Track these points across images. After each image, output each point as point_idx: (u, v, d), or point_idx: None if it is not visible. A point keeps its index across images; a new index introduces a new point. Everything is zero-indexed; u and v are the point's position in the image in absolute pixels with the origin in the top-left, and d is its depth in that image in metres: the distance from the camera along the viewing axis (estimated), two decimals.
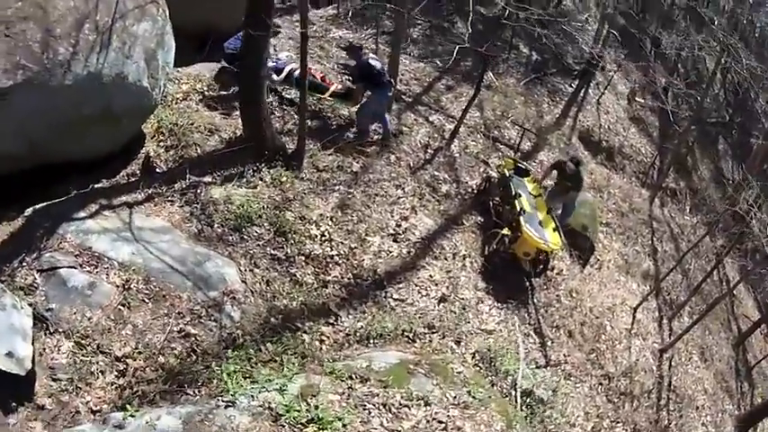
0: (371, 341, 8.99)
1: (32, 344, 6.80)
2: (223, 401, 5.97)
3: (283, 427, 5.80)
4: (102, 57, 8.33)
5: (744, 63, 15.98)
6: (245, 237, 9.53)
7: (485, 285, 11.05)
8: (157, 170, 10.05)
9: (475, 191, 12.79)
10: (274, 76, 12.01)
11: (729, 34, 16.84)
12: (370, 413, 6.37)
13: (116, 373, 7.25)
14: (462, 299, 10.56)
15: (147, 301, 7.96)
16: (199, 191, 9.75)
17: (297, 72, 11.80)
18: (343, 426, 6.02)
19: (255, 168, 10.42)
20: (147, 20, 9.07)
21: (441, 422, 6.77)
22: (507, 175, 12.24)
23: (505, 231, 11.37)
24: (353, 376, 6.91)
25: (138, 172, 9.87)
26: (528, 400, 9.39)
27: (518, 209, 11.32)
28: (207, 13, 11.28)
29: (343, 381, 6.82)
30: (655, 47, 21.05)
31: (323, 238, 10.11)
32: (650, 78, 18.92)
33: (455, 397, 7.28)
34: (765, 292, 17.98)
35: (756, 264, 14.17)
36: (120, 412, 5.98)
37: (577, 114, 17.12)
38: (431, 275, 10.65)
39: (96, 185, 9.36)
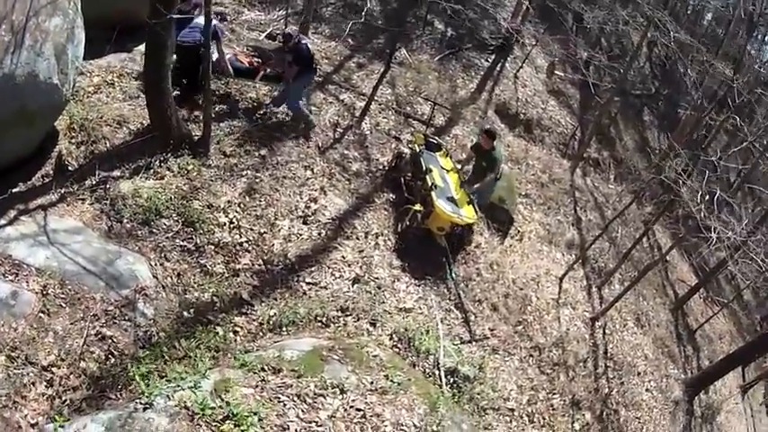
0: (284, 329, 8.78)
1: None
2: (141, 404, 5.74)
3: (200, 426, 5.63)
4: (16, 57, 8.06)
5: (672, 36, 15.76)
6: (154, 230, 9.30)
7: (400, 263, 10.66)
8: (70, 168, 9.62)
9: (386, 168, 12.34)
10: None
11: (657, 9, 16.61)
12: (285, 405, 6.23)
13: (45, 384, 7.07)
14: (377, 278, 10.17)
15: (64, 305, 7.73)
16: (108, 186, 9.42)
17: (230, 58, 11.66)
18: (259, 420, 5.86)
19: (162, 159, 10.08)
20: (59, 14, 8.72)
21: (359, 410, 6.59)
22: (418, 150, 11.89)
23: (417, 207, 10.98)
24: (266, 368, 6.73)
25: (51, 172, 9.46)
26: (453, 379, 9.08)
27: (429, 184, 10.98)
28: (119, 3, 10.75)
29: (255, 373, 6.63)
30: (577, 21, 20.90)
31: (231, 226, 9.89)
32: (571, 52, 18.76)
33: (372, 382, 7.08)
34: (701, 258, 17.78)
35: (689, 230, 13.92)
36: (51, 423, 5.86)
37: (493, 88, 16.75)
38: (343, 256, 10.30)
39: (14, 190, 8.92)
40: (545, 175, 15.37)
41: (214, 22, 10.64)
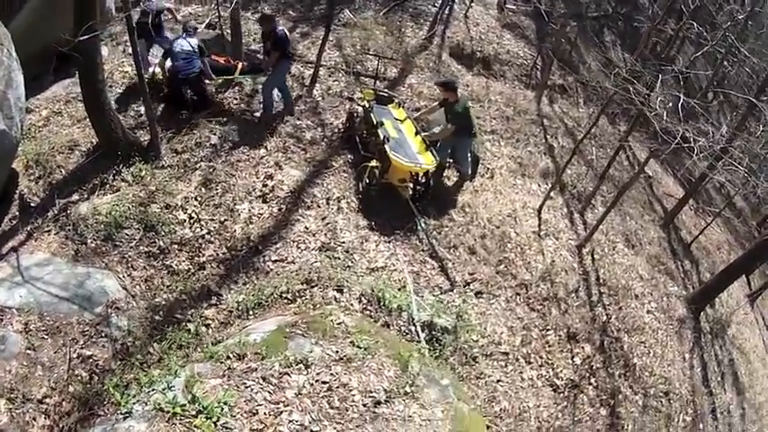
0: (251, 312, 8.64)
1: None
2: (121, 414, 5.84)
3: (175, 425, 5.62)
4: None
5: None
6: (118, 243, 9.52)
7: (366, 223, 10.45)
8: (32, 205, 9.92)
9: (341, 130, 12.07)
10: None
11: None
12: (251, 390, 6.16)
13: (43, 416, 7.30)
14: (343, 242, 9.96)
15: (46, 336, 8.00)
16: (69, 212, 9.68)
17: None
18: (229, 408, 5.84)
19: (116, 171, 10.33)
20: None
21: (324, 383, 6.48)
22: (368, 105, 11.62)
23: (373, 163, 10.73)
24: (230, 356, 6.72)
25: (17, 213, 9.78)
26: (431, 333, 8.82)
27: (382, 137, 10.68)
28: (51, 34, 10.64)
29: (222, 363, 6.64)
30: None
31: (192, 221, 10.02)
32: None
33: (337, 351, 6.97)
34: (686, 170, 17.37)
35: (662, 142, 13.56)
36: None
37: (445, 32, 16.30)
38: (306, 227, 10.17)
39: None
40: (509, 109, 14.95)
41: (195, 40, 11.31)
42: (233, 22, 12.96)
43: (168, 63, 11.49)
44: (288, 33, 11.80)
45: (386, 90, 12.72)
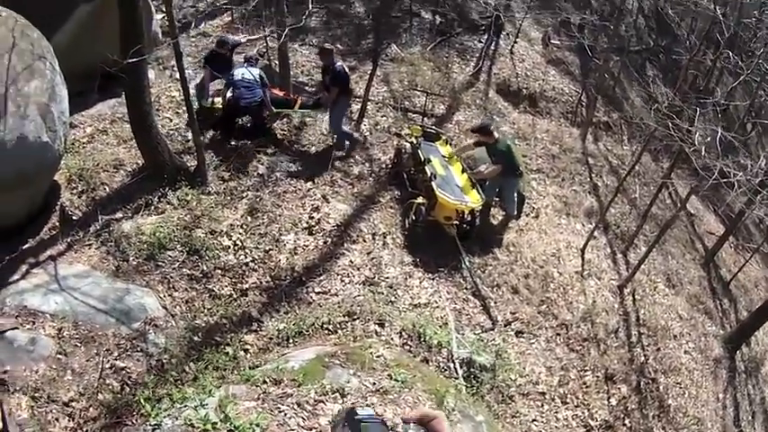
0: (291, 340, 8.79)
1: (1, 406, 7.15)
2: (150, 426, 5.90)
3: None
4: (3, 124, 8.55)
5: None
6: (160, 263, 9.60)
7: (411, 259, 10.60)
8: (74, 218, 10.04)
9: (389, 166, 12.29)
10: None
11: None
12: (285, 414, 6.17)
13: (67, 418, 7.40)
14: (387, 278, 10.12)
15: (79, 345, 8.11)
16: (111, 229, 9.80)
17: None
18: (261, 430, 5.80)
19: (161, 194, 10.42)
20: (37, 77, 9.18)
21: None
22: (415, 142, 11.79)
23: (420, 200, 10.91)
24: (267, 380, 6.75)
25: (57, 224, 9.90)
26: (470, 370, 8.88)
27: (429, 174, 10.86)
28: (97, 53, 10.72)
29: (258, 386, 6.65)
30: None
31: (236, 248, 10.13)
32: (563, 18, 18.47)
33: (374, 383, 7.01)
34: (726, 206, 17.32)
35: (702, 178, 13.58)
36: None
37: (491, 68, 16.51)
38: (351, 261, 10.31)
39: (24, 246, 9.49)
40: (555, 147, 15.08)
41: (257, 70, 11.58)
42: (281, 54, 13.21)
43: (228, 93, 11.72)
44: (347, 69, 12.04)
45: (433, 126, 12.91)
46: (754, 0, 19.73)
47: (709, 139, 12.46)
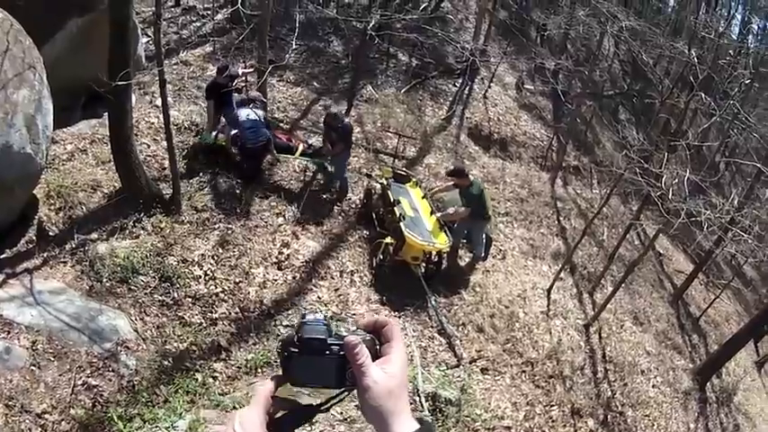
0: (260, 370, 8.96)
1: None
2: None
3: None
4: None
5: (624, 25, 15.89)
6: (133, 287, 9.62)
7: (378, 297, 10.81)
8: (50, 233, 10.03)
9: (359, 206, 12.55)
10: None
11: (615, 5, 16.84)
12: None
13: (40, 429, 7.43)
14: (354, 315, 10.28)
15: (52, 359, 8.10)
16: (87, 249, 9.80)
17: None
18: None
19: (136, 218, 10.46)
20: (26, 86, 9.11)
21: None
22: (386, 183, 12.08)
23: (388, 240, 11.14)
24: (237, 406, 6.89)
25: (34, 238, 9.89)
26: (435, 404, 8.94)
27: (398, 215, 11.09)
28: (85, 71, 10.87)
29: (228, 411, 6.82)
30: (540, 32, 21.18)
31: (207, 278, 10.17)
32: (537, 64, 18.95)
33: (341, 413, 7.14)
34: (697, 245, 17.68)
35: (670, 219, 13.94)
36: None
37: (464, 112, 16.96)
38: (319, 297, 10.52)
39: (1, 256, 9.42)
40: (524, 191, 15.45)
41: (262, 112, 11.80)
42: (260, 89, 13.20)
43: (232, 132, 11.83)
44: (352, 126, 12.59)
45: (404, 169, 13.21)
46: (731, 42, 20.35)
47: (676, 180, 12.79)
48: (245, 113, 11.51)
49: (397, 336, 1.45)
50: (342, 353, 1.39)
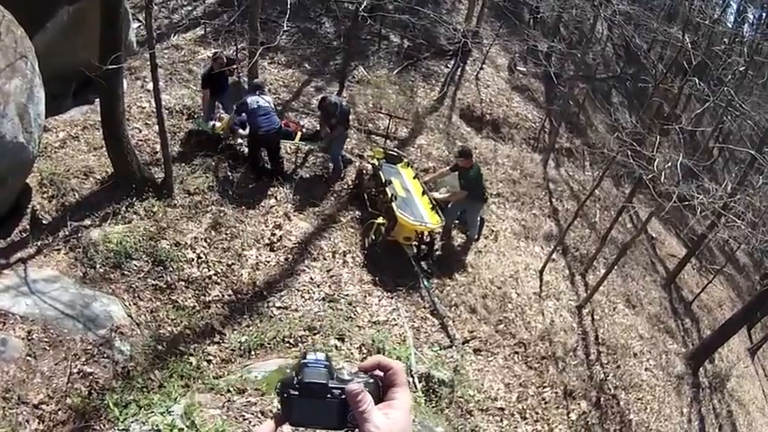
0: (253, 352, 8.90)
1: None
2: (118, 430, 6.09)
3: None
4: None
5: (617, 8, 15.77)
6: (126, 272, 9.59)
7: (371, 278, 10.74)
8: (44, 222, 10.02)
9: (351, 186, 12.46)
10: (241, 131, 11.98)
11: None
12: (250, 422, 6.32)
13: (37, 421, 7.42)
14: (347, 295, 10.26)
15: (48, 348, 8.08)
16: (80, 235, 9.78)
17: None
18: None
19: (129, 203, 10.42)
20: (18, 76, 9.13)
21: None
22: (377, 164, 12.00)
23: (380, 220, 11.07)
24: (231, 389, 6.93)
25: (28, 227, 9.87)
26: (428, 385, 8.98)
27: (390, 195, 11.03)
28: (75, 58, 10.96)
29: (222, 395, 6.83)
30: (533, 15, 21.03)
31: (200, 261, 10.18)
32: (530, 46, 18.82)
33: None
34: (690, 230, 17.66)
35: (662, 203, 13.87)
36: None
37: (456, 93, 16.84)
38: (312, 278, 10.45)
39: None
40: (516, 172, 15.37)
41: (269, 97, 11.75)
42: (251, 72, 13.28)
43: (237, 119, 11.68)
44: (348, 108, 12.46)
45: (395, 149, 13.12)
46: (726, 29, 20.28)
47: (670, 164, 12.72)
48: (254, 100, 11.27)
49: (402, 381, 1.46)
50: (343, 396, 1.39)
